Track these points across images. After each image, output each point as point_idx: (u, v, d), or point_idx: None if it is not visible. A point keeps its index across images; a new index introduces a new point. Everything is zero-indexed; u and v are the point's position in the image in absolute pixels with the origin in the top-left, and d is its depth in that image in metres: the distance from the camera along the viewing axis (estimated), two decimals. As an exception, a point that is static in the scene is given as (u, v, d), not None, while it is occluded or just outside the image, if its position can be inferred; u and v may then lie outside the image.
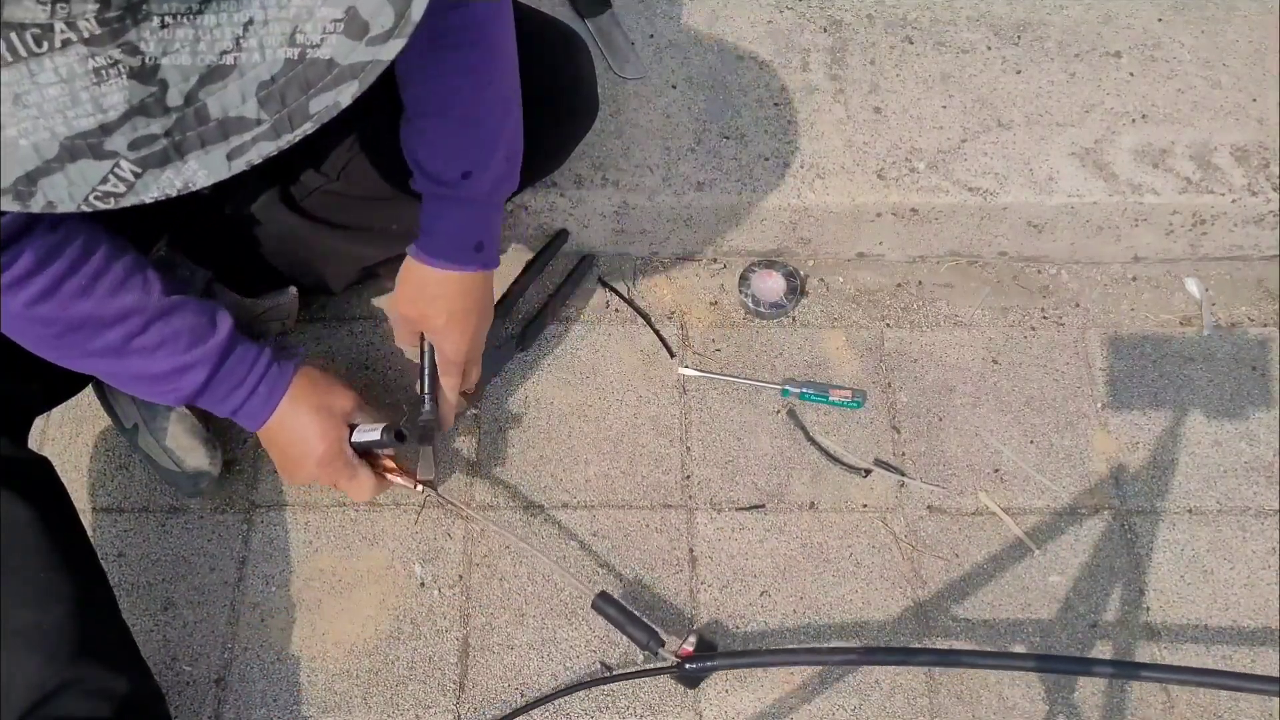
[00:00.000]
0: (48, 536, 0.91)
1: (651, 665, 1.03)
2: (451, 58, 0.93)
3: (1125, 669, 0.98)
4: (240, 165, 0.54)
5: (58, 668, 0.86)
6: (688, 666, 0.98)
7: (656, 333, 1.27)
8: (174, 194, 0.55)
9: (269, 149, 0.54)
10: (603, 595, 1.04)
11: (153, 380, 0.93)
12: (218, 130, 0.53)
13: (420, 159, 0.98)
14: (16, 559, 0.89)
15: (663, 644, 1.01)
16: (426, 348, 1.08)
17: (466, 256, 1.01)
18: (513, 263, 1.32)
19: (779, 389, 1.23)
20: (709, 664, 0.99)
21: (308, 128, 0.54)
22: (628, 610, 1.03)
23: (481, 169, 0.98)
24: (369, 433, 1.02)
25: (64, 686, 0.86)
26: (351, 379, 1.22)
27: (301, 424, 1.00)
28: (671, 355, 1.26)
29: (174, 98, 0.51)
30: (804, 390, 1.23)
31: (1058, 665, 1.00)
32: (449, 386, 1.09)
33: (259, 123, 0.53)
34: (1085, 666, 0.99)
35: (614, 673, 1.06)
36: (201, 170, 0.54)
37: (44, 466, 0.97)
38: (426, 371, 1.09)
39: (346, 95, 0.54)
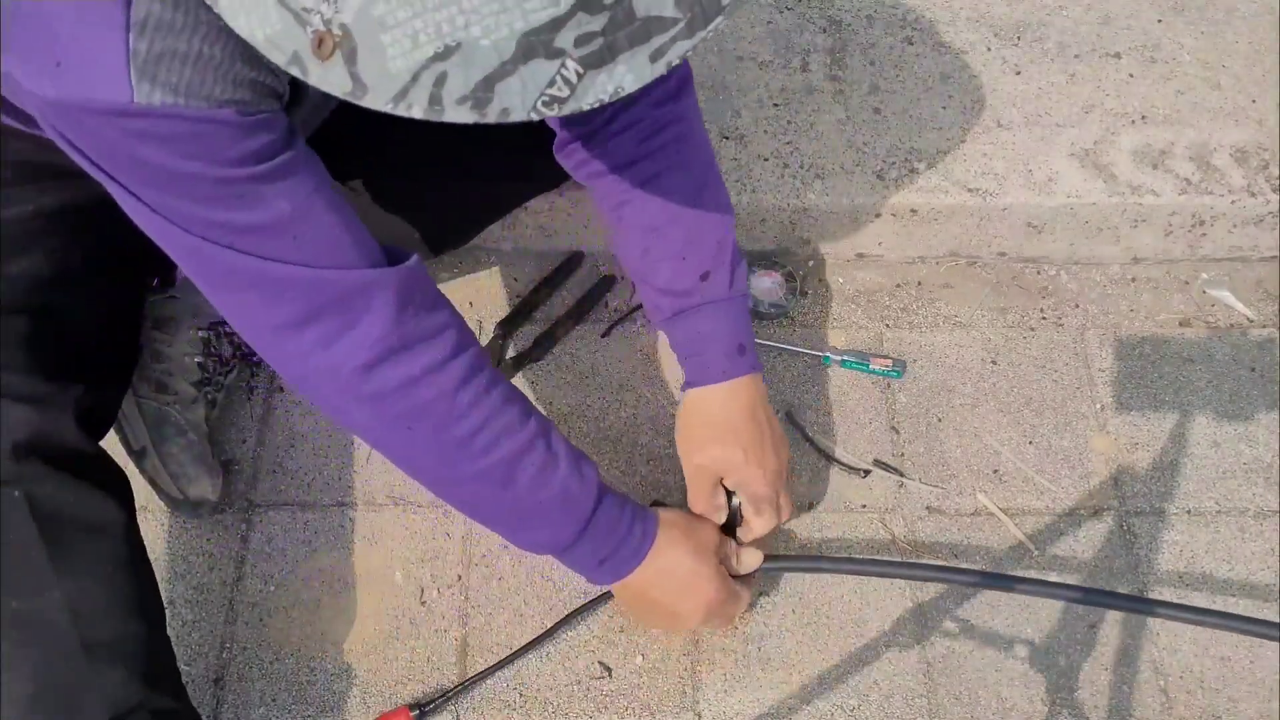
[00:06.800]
0: (130, 547, 0.88)
1: None
2: (668, 159, 0.92)
3: (1143, 605, 1.00)
4: (661, 68, 0.55)
5: (136, 688, 0.83)
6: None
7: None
8: (605, 99, 0.55)
9: (686, 48, 0.55)
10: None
11: (537, 511, 0.87)
12: (642, 30, 0.53)
13: (657, 274, 0.95)
14: (106, 568, 0.85)
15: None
16: (732, 501, 0.98)
17: (734, 363, 0.96)
18: (513, 265, 1.32)
19: (820, 356, 1.25)
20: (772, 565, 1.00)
21: (719, 22, 0.55)
22: None
23: (719, 266, 0.94)
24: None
25: (137, 707, 0.83)
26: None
27: (685, 565, 0.93)
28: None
29: None
30: (845, 358, 1.24)
31: (1098, 599, 1.01)
32: (766, 526, 0.98)
33: (675, 21, 0.54)
34: (1116, 600, 1.03)
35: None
36: (629, 74, 0.55)
37: (124, 477, 0.93)
38: (737, 524, 0.99)
39: None
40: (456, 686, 1.05)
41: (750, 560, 1.00)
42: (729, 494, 0.99)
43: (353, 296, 0.75)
